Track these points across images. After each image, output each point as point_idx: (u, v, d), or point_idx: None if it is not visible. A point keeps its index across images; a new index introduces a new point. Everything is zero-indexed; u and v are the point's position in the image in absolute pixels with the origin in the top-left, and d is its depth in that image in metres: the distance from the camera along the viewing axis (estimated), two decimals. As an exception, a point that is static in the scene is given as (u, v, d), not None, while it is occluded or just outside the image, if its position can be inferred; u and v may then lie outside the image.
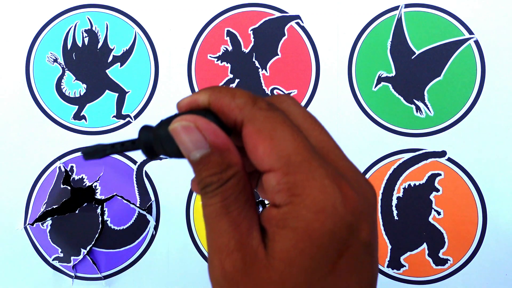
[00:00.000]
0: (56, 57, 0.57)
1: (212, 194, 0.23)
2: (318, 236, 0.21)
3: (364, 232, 0.22)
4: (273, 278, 0.21)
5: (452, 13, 0.55)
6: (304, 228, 0.21)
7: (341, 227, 0.21)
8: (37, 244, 0.56)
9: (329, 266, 0.21)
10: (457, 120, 0.54)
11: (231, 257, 0.23)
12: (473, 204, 0.53)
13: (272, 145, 0.22)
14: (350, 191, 0.22)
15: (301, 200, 0.21)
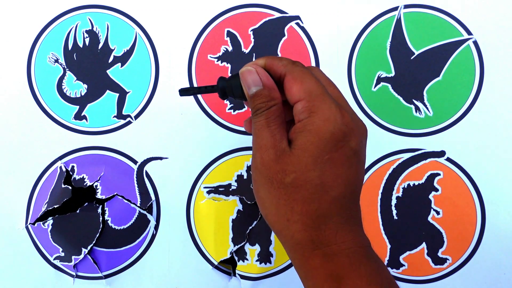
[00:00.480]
0: (57, 58, 0.57)
1: (261, 114, 0.36)
2: (323, 134, 0.34)
3: (353, 142, 0.35)
4: (293, 160, 0.34)
5: (451, 14, 0.55)
6: (315, 129, 0.34)
7: (338, 131, 0.34)
8: (38, 243, 0.56)
9: (328, 154, 0.34)
10: (456, 120, 0.54)
11: (268, 152, 0.35)
12: (472, 203, 0.54)
13: (301, 85, 0.35)
14: (347, 114, 0.34)
15: (315, 114, 0.34)
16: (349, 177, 0.35)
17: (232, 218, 0.55)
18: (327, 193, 0.34)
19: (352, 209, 0.36)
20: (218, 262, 0.55)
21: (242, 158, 0.56)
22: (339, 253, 0.34)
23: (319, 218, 0.35)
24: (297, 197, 0.35)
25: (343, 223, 0.35)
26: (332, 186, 0.34)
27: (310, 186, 0.34)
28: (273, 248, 0.55)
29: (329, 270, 0.34)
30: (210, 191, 0.56)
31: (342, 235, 0.35)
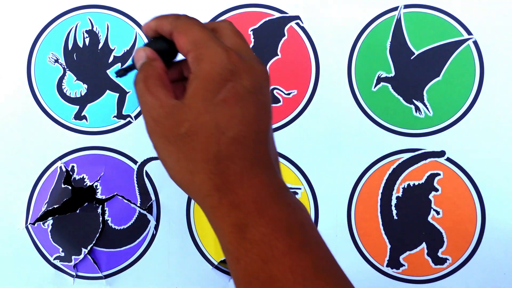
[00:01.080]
0: (57, 58, 0.57)
1: (138, 82, 0.36)
2: (210, 76, 0.33)
3: (246, 81, 0.34)
4: (185, 110, 0.33)
5: (451, 14, 0.55)
6: (203, 75, 0.33)
7: (225, 71, 0.33)
8: (38, 243, 0.56)
9: (219, 96, 0.33)
10: (456, 120, 0.54)
11: (156, 111, 0.34)
12: (472, 203, 0.54)
13: (186, 37, 0.35)
14: (234, 54, 0.34)
15: (202, 61, 0.34)
16: (247, 117, 0.34)
17: (232, 218, 0.55)
18: (223, 134, 0.33)
19: (258, 150, 0.34)
20: (218, 262, 0.55)
21: (242, 158, 0.56)
22: (246, 199, 0.33)
23: (220, 162, 0.33)
24: (194, 145, 0.33)
25: (249, 166, 0.33)
26: (228, 126, 0.33)
27: (205, 130, 0.33)
28: (273, 248, 0.55)
29: (235, 219, 0.33)
30: (210, 191, 0.56)
31: (249, 179, 0.33)
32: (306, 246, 0.32)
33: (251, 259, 0.32)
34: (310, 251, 0.32)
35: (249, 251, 0.32)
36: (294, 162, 0.55)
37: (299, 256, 0.32)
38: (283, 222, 0.32)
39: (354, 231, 0.55)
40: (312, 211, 0.55)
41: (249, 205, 0.32)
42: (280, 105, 0.56)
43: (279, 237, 0.32)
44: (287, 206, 0.33)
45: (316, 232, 0.34)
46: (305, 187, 0.55)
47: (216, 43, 0.35)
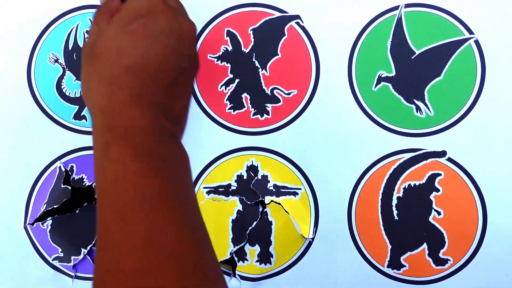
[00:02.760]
0: (57, 58, 0.57)
1: (104, 8, 0.41)
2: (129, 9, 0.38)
3: (162, 22, 0.38)
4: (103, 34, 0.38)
5: (452, 13, 0.55)
6: (125, 7, 0.39)
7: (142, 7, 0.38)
8: (37, 244, 0.56)
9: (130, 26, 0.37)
10: (457, 120, 0.54)
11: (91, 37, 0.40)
12: (473, 204, 0.53)
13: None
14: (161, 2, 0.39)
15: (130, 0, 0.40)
16: (150, 52, 0.36)
17: (232, 219, 0.55)
18: (121, 60, 0.36)
19: (151, 87, 0.36)
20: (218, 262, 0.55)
21: (242, 158, 0.56)
22: (120, 124, 0.35)
23: (110, 85, 0.36)
24: (96, 64, 0.36)
25: (135, 97, 0.35)
26: (128, 54, 0.36)
27: (107, 54, 0.36)
28: (273, 249, 0.55)
29: (105, 139, 0.35)
30: (210, 192, 0.56)
31: (130, 109, 0.35)
32: (159, 174, 0.34)
33: (106, 175, 0.34)
34: (162, 178, 0.34)
35: (106, 168, 0.34)
36: (294, 162, 0.55)
37: (147, 180, 0.33)
38: (144, 149, 0.34)
39: (354, 231, 0.54)
40: (312, 211, 0.55)
41: (120, 130, 0.35)
42: (280, 105, 0.55)
43: (135, 160, 0.33)
44: (158, 141, 0.35)
45: (183, 172, 0.36)
46: (305, 187, 0.55)
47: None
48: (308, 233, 0.54)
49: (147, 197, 0.33)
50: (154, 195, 0.33)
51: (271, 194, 0.55)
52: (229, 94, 0.56)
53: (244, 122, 0.56)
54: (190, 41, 0.40)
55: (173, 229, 0.33)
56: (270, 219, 0.55)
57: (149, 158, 0.34)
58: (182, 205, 0.34)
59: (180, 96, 0.40)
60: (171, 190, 0.34)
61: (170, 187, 0.34)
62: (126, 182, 0.33)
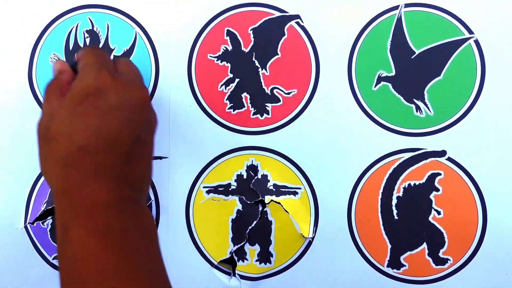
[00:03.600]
0: (59, 58, 0.57)
1: (54, 84, 0.43)
2: (76, 90, 0.39)
3: (111, 98, 0.39)
4: (55, 118, 0.39)
5: (452, 13, 0.55)
6: (73, 88, 0.40)
7: (90, 87, 0.39)
8: (37, 243, 0.56)
9: (79, 107, 0.38)
10: (457, 120, 0.54)
11: (44, 117, 0.41)
12: (473, 203, 0.53)
13: (81, 61, 0.43)
14: (107, 75, 0.40)
15: (77, 79, 0.41)
16: (101, 128, 0.37)
17: (232, 218, 0.55)
18: (74, 142, 0.37)
19: (108, 162, 0.37)
20: (218, 262, 0.55)
21: (241, 158, 0.56)
22: (79, 203, 0.36)
23: (66, 167, 0.37)
24: (51, 149, 0.38)
25: (91, 175, 0.36)
26: (79, 135, 0.37)
27: (61, 137, 0.37)
28: (273, 248, 0.55)
29: (64, 221, 0.36)
30: (210, 191, 0.56)
31: (87, 188, 0.36)
32: (119, 250, 0.34)
33: (67, 257, 0.35)
34: (122, 255, 0.34)
35: (67, 250, 0.35)
36: (294, 162, 0.55)
37: (106, 256, 0.34)
38: (102, 225, 0.35)
39: (354, 231, 0.54)
40: (312, 211, 0.55)
41: (78, 209, 0.35)
42: (280, 104, 0.55)
43: (93, 238, 0.34)
44: (117, 214, 0.36)
45: (145, 240, 0.37)
46: (305, 187, 0.55)
47: (95, 66, 0.41)
48: (308, 232, 0.54)
49: (105, 275, 0.33)
50: (113, 272, 0.33)
51: (271, 193, 0.55)
52: (229, 93, 0.56)
53: (244, 121, 0.56)
54: (143, 107, 0.41)
55: None
56: (270, 219, 0.55)
57: (108, 234, 0.35)
58: (142, 280, 0.35)
59: (139, 162, 0.40)
60: (130, 265, 0.34)
61: (130, 262, 0.34)
62: (85, 262, 0.34)
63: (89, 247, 0.34)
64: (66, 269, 0.35)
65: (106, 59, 0.44)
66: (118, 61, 0.45)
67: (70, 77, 0.43)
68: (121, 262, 0.34)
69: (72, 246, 0.34)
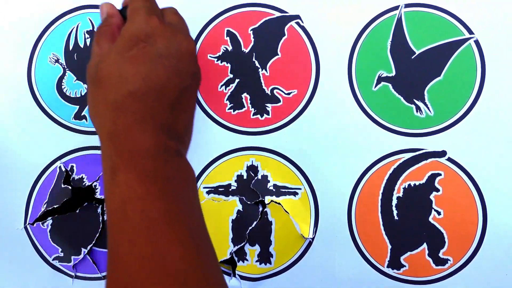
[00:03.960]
0: (58, 58, 0.57)
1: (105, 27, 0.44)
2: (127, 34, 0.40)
3: (160, 45, 0.39)
4: (106, 59, 0.39)
5: (452, 13, 0.55)
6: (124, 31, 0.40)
7: (140, 32, 0.39)
8: (37, 243, 0.56)
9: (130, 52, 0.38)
10: (457, 120, 0.54)
11: (94, 58, 0.41)
12: (473, 204, 0.53)
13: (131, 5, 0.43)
14: (157, 21, 0.40)
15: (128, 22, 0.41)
16: (151, 75, 0.37)
17: (232, 219, 0.55)
18: (124, 86, 0.37)
19: (156, 110, 0.38)
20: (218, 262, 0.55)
21: (242, 158, 0.56)
22: (126, 148, 0.36)
23: (115, 111, 0.37)
24: (102, 91, 0.38)
25: (140, 120, 0.37)
26: (129, 80, 0.37)
27: (110, 80, 0.37)
28: (273, 249, 0.55)
29: (112, 163, 0.37)
30: (210, 191, 0.56)
31: (134, 133, 0.37)
32: (165, 196, 0.36)
33: (115, 198, 0.36)
34: (168, 201, 0.36)
35: (114, 191, 0.36)
36: (294, 162, 0.55)
37: (153, 203, 0.35)
38: (149, 172, 0.36)
39: (354, 231, 0.54)
40: (312, 211, 0.55)
41: (126, 154, 0.36)
42: (280, 105, 0.55)
43: (141, 183, 0.35)
44: (163, 162, 0.37)
45: (187, 191, 0.38)
46: (305, 187, 0.55)
47: (144, 11, 0.41)
48: (308, 233, 0.54)
49: (153, 219, 0.34)
50: (160, 217, 0.35)
51: (271, 194, 0.55)
52: (229, 94, 0.56)
53: (244, 122, 0.56)
54: (190, 58, 0.41)
55: (179, 251, 0.34)
56: (270, 219, 0.55)
57: (155, 181, 0.36)
58: (187, 225, 0.36)
59: (183, 113, 0.41)
60: (176, 211, 0.36)
61: (175, 209, 0.36)
62: (132, 205, 0.35)
63: (136, 191, 0.35)
64: (115, 209, 0.36)
65: (155, 5, 0.44)
66: (165, 10, 0.46)
67: (120, 22, 0.44)
68: (166, 208, 0.35)
69: (120, 188, 0.35)
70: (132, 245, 0.34)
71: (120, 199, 0.35)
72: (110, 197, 0.36)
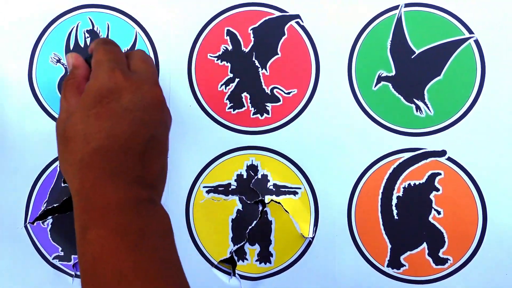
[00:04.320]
0: (59, 58, 0.57)
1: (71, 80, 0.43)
2: (90, 91, 0.40)
3: (124, 99, 0.39)
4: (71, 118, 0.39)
5: (452, 13, 0.55)
6: (87, 88, 0.40)
7: (103, 88, 0.39)
8: (37, 242, 0.56)
9: (94, 109, 0.38)
10: (457, 120, 0.54)
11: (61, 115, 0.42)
12: (473, 203, 0.53)
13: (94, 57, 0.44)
14: (120, 75, 0.40)
15: (91, 78, 0.41)
16: (115, 130, 0.38)
17: (232, 218, 0.55)
18: (88, 144, 0.37)
19: (122, 163, 0.38)
20: (218, 261, 0.55)
21: (241, 157, 0.56)
22: (95, 205, 0.36)
23: (82, 169, 0.37)
24: (69, 149, 0.38)
25: (107, 176, 0.37)
26: (94, 137, 0.37)
27: (76, 138, 0.38)
28: (273, 248, 0.55)
29: (82, 221, 0.36)
30: (210, 191, 0.56)
31: (103, 189, 0.36)
32: (138, 250, 0.35)
33: (87, 257, 0.35)
34: (139, 253, 0.35)
35: (86, 251, 0.35)
36: (294, 162, 0.55)
37: (125, 258, 0.34)
38: (121, 226, 0.35)
39: (354, 231, 0.54)
40: (312, 211, 0.55)
41: (96, 210, 0.36)
42: (280, 104, 0.55)
43: (113, 239, 0.35)
44: (135, 214, 0.36)
45: (161, 240, 0.38)
46: (305, 187, 0.55)
47: (108, 65, 0.41)
48: (308, 232, 0.54)
49: (124, 275, 0.34)
50: (131, 273, 0.34)
51: (271, 193, 0.55)
52: (229, 93, 0.56)
53: (244, 121, 0.56)
54: (157, 106, 0.41)
55: None
56: (270, 219, 0.55)
57: (126, 234, 0.35)
58: (160, 278, 0.36)
59: (155, 160, 0.40)
60: (149, 264, 0.35)
61: (148, 262, 0.35)
62: (104, 262, 0.34)
63: (107, 247, 0.35)
64: (87, 268, 0.35)
65: (119, 55, 0.44)
66: (132, 55, 0.45)
67: (86, 72, 0.44)
68: (139, 262, 0.35)
69: (91, 246, 0.35)
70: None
71: (91, 257, 0.35)
72: (81, 257, 0.36)
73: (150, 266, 0.35)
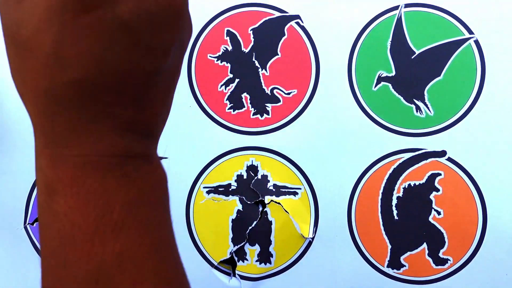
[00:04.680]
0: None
1: None
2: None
3: (122, 8, 0.23)
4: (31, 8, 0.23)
5: (452, 13, 0.55)
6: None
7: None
8: (36, 243, 0.56)
9: (71, 14, 0.22)
10: (457, 120, 0.54)
11: None
12: (473, 203, 0.53)
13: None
14: None
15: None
16: (106, 57, 0.24)
17: (232, 218, 0.55)
18: (63, 71, 0.24)
19: (108, 104, 0.25)
20: (218, 262, 0.55)
21: (241, 158, 0.56)
22: (67, 159, 0.25)
23: (50, 104, 0.24)
24: (28, 65, 0.25)
25: (87, 120, 0.25)
26: (72, 62, 0.23)
27: (41, 54, 0.24)
28: (273, 248, 0.55)
29: (48, 179, 0.25)
30: (210, 191, 0.56)
31: (78, 136, 0.25)
32: (118, 235, 0.25)
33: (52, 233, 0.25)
34: (123, 237, 0.25)
35: (50, 225, 0.25)
36: (294, 162, 0.55)
37: (103, 245, 0.25)
38: (99, 197, 0.25)
39: (354, 231, 0.54)
40: (312, 211, 0.55)
41: (67, 168, 0.25)
42: (280, 104, 0.55)
43: (86, 216, 0.24)
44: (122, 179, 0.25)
45: (152, 215, 0.27)
46: (305, 187, 0.55)
47: None
48: (308, 232, 0.54)
49: (104, 268, 0.25)
50: (113, 265, 0.25)
51: (271, 193, 0.55)
52: (229, 94, 0.56)
53: (244, 122, 0.56)
54: (173, 19, 0.26)
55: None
56: (270, 219, 0.55)
57: (110, 209, 0.25)
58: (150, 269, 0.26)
59: (157, 101, 0.28)
60: (135, 254, 0.26)
61: (133, 250, 0.25)
62: (75, 248, 0.24)
63: (80, 227, 0.24)
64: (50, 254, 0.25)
65: None
66: None
67: None
68: (122, 255, 0.25)
69: (59, 222, 0.25)
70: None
71: (59, 236, 0.25)
72: (45, 228, 0.25)
73: (135, 257, 0.25)
